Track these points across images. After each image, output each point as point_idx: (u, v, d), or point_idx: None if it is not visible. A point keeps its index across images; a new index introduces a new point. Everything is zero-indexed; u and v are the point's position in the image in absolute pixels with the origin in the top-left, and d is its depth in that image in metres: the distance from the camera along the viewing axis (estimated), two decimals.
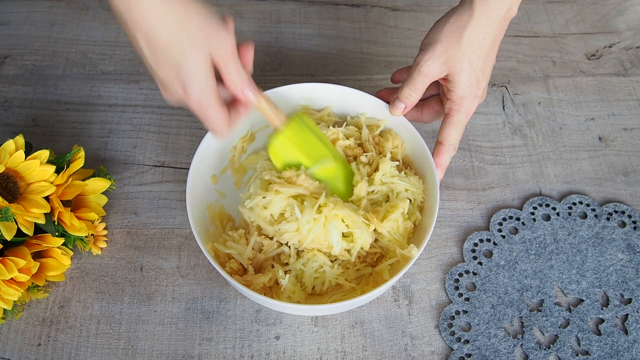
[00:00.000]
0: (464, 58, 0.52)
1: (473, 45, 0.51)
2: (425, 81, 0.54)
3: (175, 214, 0.65)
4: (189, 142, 0.70)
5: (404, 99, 0.56)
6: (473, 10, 0.51)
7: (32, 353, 0.56)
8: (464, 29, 0.51)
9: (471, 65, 0.52)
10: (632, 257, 0.62)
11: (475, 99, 0.54)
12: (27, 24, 0.82)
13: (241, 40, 0.48)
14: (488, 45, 0.52)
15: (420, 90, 0.55)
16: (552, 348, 0.57)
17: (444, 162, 0.57)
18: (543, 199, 0.66)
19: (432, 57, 0.52)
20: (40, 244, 0.56)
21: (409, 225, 0.56)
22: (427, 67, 0.53)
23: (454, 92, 0.54)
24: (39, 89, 0.75)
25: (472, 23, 0.51)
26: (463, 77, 0.52)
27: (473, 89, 0.53)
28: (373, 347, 0.57)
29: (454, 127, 0.56)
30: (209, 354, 0.56)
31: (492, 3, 0.51)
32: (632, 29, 0.82)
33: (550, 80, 0.77)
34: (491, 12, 0.51)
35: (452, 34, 0.52)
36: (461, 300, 0.59)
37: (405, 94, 0.56)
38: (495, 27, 0.52)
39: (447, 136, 0.56)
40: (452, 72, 0.53)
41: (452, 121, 0.55)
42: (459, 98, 0.54)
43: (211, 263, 0.51)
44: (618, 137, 0.72)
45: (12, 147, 0.56)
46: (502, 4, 0.51)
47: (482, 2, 0.51)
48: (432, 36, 0.53)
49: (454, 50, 0.51)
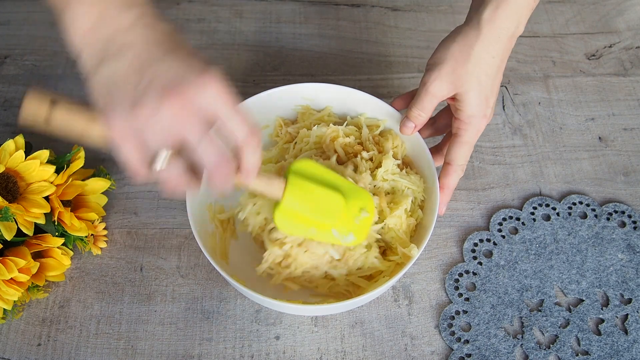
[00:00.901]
0: (472, 77, 0.51)
1: (482, 64, 0.51)
2: (433, 101, 0.53)
3: (175, 214, 0.65)
4: None
5: (413, 119, 0.56)
6: (480, 29, 0.50)
7: (32, 353, 0.56)
8: (472, 48, 0.50)
9: (480, 84, 0.51)
10: (632, 257, 0.62)
11: (484, 119, 0.53)
12: (27, 24, 0.82)
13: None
14: (497, 64, 0.51)
15: (428, 110, 0.54)
16: (552, 348, 0.57)
17: (452, 184, 0.56)
18: (543, 199, 0.66)
19: (440, 76, 0.52)
20: (40, 244, 0.56)
21: (411, 222, 0.56)
22: (434, 87, 0.52)
23: (463, 111, 0.53)
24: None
25: (480, 42, 0.50)
26: (472, 96, 0.52)
27: (482, 107, 0.52)
28: (373, 347, 0.57)
29: (463, 147, 0.55)
30: (209, 354, 0.56)
31: (500, 22, 0.50)
32: (632, 29, 0.82)
33: (550, 80, 0.77)
34: (499, 31, 0.50)
35: (460, 53, 0.51)
36: (461, 300, 0.59)
37: (414, 114, 0.55)
38: (503, 46, 0.51)
39: (456, 156, 0.55)
40: (461, 92, 0.52)
41: (460, 141, 0.54)
42: (467, 117, 0.53)
43: (211, 263, 0.51)
44: (618, 137, 0.72)
45: (12, 147, 0.56)
46: (510, 23, 0.50)
47: (490, 21, 0.50)
48: (438, 56, 0.52)
49: (462, 69, 0.51)
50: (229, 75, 0.76)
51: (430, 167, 0.57)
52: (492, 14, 0.50)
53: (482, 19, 0.50)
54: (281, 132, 0.64)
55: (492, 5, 0.50)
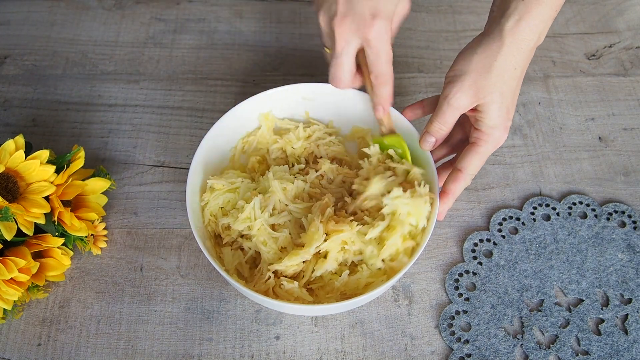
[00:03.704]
0: (495, 88, 0.50)
1: (504, 76, 0.50)
2: (456, 114, 0.52)
3: (175, 214, 0.65)
4: (189, 142, 0.70)
5: (434, 132, 0.54)
6: (503, 40, 0.50)
7: (32, 353, 0.56)
8: (495, 59, 0.50)
9: (502, 96, 0.51)
10: (632, 257, 0.62)
11: (505, 131, 0.52)
12: (27, 24, 0.82)
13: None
14: (518, 75, 0.51)
15: (450, 123, 0.53)
16: (552, 348, 0.57)
17: (457, 191, 0.55)
18: (543, 199, 0.66)
19: (462, 89, 0.51)
20: (40, 244, 0.56)
21: (409, 245, 0.53)
22: (456, 100, 0.51)
23: (484, 122, 0.52)
24: (39, 89, 0.75)
25: (502, 53, 0.50)
26: (494, 108, 0.51)
27: (503, 119, 0.52)
28: (373, 347, 0.57)
29: (478, 157, 0.53)
30: (209, 354, 0.56)
31: (522, 34, 0.49)
32: (632, 29, 0.82)
33: (550, 80, 0.77)
34: (521, 42, 0.50)
35: (482, 64, 0.50)
36: (461, 300, 0.59)
37: (435, 128, 0.54)
38: (525, 57, 0.51)
39: (468, 165, 0.54)
40: (483, 103, 0.51)
41: (477, 151, 0.53)
42: (489, 128, 0.52)
43: (211, 263, 0.51)
44: (618, 137, 0.72)
45: (12, 147, 0.56)
46: (532, 34, 0.50)
47: (512, 32, 0.49)
48: (459, 67, 0.52)
49: (484, 81, 0.50)
50: (229, 75, 0.77)
51: (430, 167, 0.56)
52: (514, 26, 0.49)
53: (505, 30, 0.50)
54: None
55: (515, 16, 0.49)
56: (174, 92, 0.75)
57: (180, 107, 0.73)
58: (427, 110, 0.59)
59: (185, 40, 0.80)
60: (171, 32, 0.81)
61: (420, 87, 0.75)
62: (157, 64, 0.78)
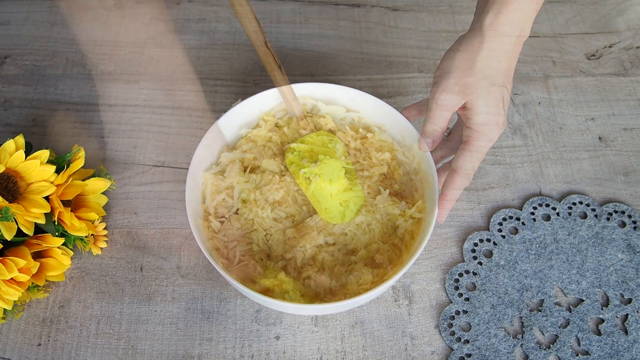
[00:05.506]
0: (480, 84, 0.50)
1: (488, 71, 0.50)
2: (445, 114, 0.52)
3: (175, 214, 0.65)
4: (189, 142, 0.70)
5: (429, 134, 0.55)
6: (483, 35, 0.49)
7: (32, 353, 0.56)
8: (477, 55, 0.50)
9: (489, 91, 0.50)
10: (632, 257, 0.62)
11: (496, 127, 0.51)
12: (27, 24, 0.82)
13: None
14: (504, 70, 0.50)
15: (442, 124, 0.53)
16: (552, 348, 0.57)
17: (455, 192, 0.54)
18: (543, 199, 0.66)
19: (447, 88, 0.51)
20: (41, 244, 0.56)
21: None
22: (443, 100, 0.51)
23: (473, 119, 0.51)
24: (39, 89, 0.75)
25: (484, 49, 0.49)
26: (481, 104, 0.50)
27: (493, 115, 0.51)
28: (373, 347, 0.57)
29: (472, 156, 0.52)
30: (209, 354, 0.56)
31: (502, 27, 0.49)
32: (632, 29, 0.82)
33: (550, 80, 0.77)
34: (503, 36, 0.49)
35: (465, 61, 0.50)
36: (461, 300, 0.59)
37: (429, 130, 0.54)
38: (509, 50, 0.50)
39: (463, 164, 0.53)
40: (470, 100, 0.51)
41: (469, 149, 0.52)
42: (478, 125, 0.51)
43: (211, 263, 0.51)
44: (618, 137, 0.72)
45: (12, 147, 0.56)
46: (513, 27, 0.49)
47: (492, 26, 0.49)
48: (443, 67, 0.52)
49: (469, 78, 0.50)
50: (229, 75, 0.77)
51: (430, 166, 0.56)
52: (493, 20, 0.49)
53: (484, 25, 0.49)
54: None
55: (494, 11, 0.49)
56: (174, 92, 0.75)
57: (180, 107, 0.73)
58: (423, 111, 0.59)
59: (185, 40, 0.80)
60: (171, 32, 0.81)
61: (420, 87, 0.76)
62: (157, 64, 0.78)
